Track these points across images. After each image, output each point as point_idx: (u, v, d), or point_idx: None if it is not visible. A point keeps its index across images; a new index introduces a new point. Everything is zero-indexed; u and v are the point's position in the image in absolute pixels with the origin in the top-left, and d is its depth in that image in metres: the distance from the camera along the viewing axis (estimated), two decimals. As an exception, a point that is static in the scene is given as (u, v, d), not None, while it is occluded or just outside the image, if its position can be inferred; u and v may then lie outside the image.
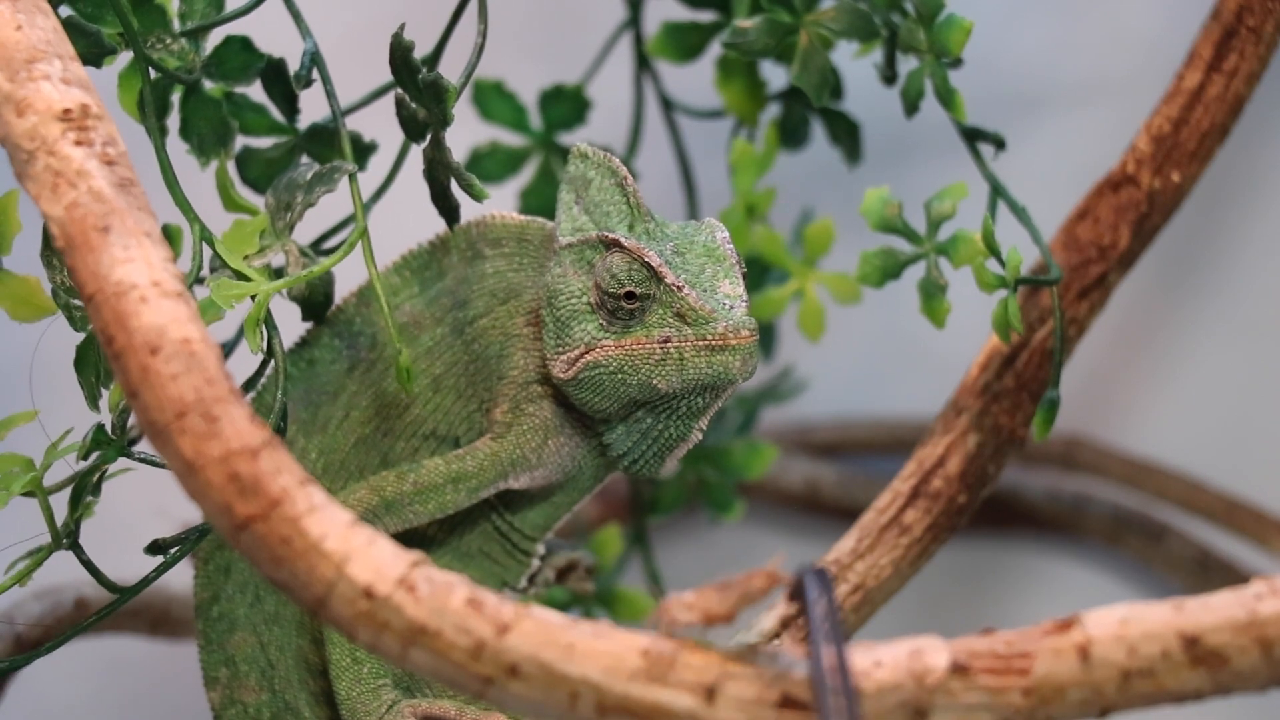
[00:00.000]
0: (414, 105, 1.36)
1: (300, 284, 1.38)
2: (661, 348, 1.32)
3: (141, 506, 1.45)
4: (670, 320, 1.32)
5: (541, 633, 1.05)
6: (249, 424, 1.08)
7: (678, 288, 1.32)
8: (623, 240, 1.33)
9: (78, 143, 1.16)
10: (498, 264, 1.40)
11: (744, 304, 1.32)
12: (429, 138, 1.37)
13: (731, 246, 1.34)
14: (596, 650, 1.05)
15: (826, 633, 1.05)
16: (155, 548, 1.34)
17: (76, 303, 1.31)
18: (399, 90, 1.37)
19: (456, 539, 1.42)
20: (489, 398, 1.40)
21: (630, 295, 1.32)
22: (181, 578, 1.61)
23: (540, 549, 1.44)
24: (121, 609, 1.38)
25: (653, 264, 1.32)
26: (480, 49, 1.40)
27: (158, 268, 1.11)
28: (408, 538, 1.39)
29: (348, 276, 1.42)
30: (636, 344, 1.32)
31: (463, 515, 1.41)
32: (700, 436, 1.37)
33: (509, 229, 1.40)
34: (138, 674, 1.84)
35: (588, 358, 1.34)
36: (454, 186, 1.39)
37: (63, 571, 1.40)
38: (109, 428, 1.32)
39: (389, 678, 1.37)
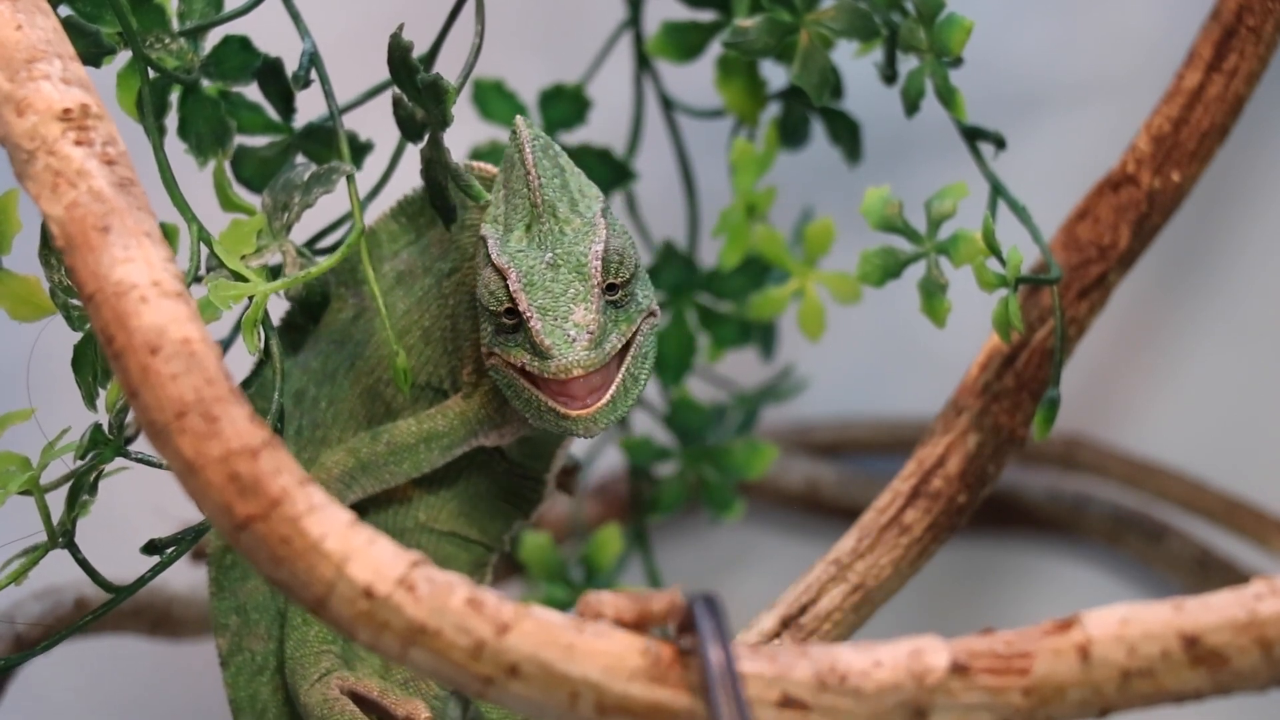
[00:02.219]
0: (412, 105, 1.36)
1: (297, 284, 1.37)
2: (519, 377, 1.30)
3: (143, 506, 1.45)
4: (527, 347, 1.29)
5: (541, 632, 1.05)
6: (249, 424, 1.08)
7: (527, 317, 1.28)
8: (493, 256, 1.30)
9: (78, 142, 1.15)
10: (473, 216, 1.38)
11: (589, 335, 1.27)
12: (426, 138, 1.37)
13: (600, 261, 1.28)
14: (596, 650, 1.05)
15: (721, 665, 1.04)
16: (151, 547, 1.34)
17: (74, 302, 1.31)
18: (396, 90, 1.37)
19: (466, 480, 1.42)
20: (462, 355, 1.39)
21: (505, 312, 1.29)
22: (181, 577, 1.61)
23: (550, 479, 1.44)
24: (122, 609, 1.38)
25: (510, 288, 1.28)
26: (478, 49, 1.40)
27: (158, 267, 1.11)
28: (420, 482, 1.41)
29: (347, 276, 1.42)
30: (509, 363, 1.30)
31: (467, 459, 1.41)
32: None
33: (486, 182, 1.37)
34: (138, 674, 1.84)
35: (489, 360, 1.33)
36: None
37: (63, 572, 1.40)
38: (106, 427, 1.32)
39: (336, 646, 1.38)
